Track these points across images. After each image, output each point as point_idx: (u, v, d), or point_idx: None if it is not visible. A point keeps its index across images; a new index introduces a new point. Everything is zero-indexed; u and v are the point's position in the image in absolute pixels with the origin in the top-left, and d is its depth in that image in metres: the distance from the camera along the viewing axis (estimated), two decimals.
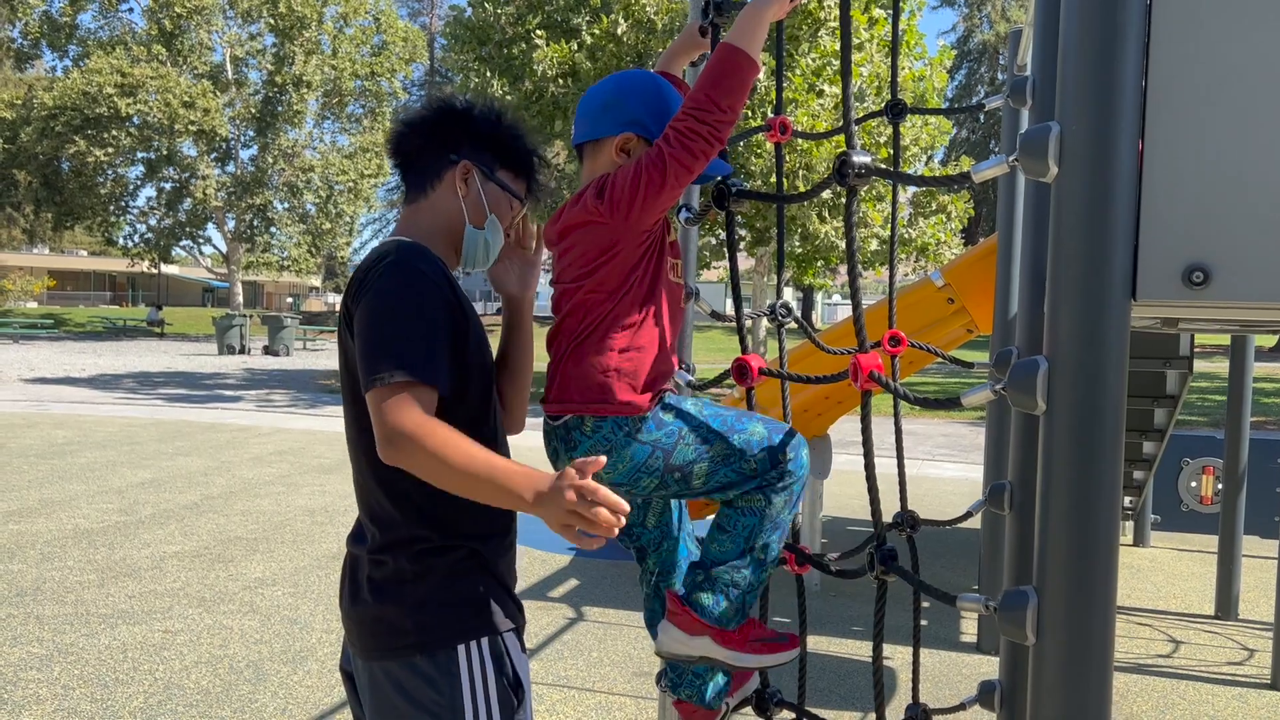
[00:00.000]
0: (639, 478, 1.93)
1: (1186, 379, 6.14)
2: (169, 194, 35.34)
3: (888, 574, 1.92)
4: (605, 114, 1.98)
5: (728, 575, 1.97)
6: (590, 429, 1.91)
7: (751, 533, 1.96)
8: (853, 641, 5.18)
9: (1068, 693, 1.54)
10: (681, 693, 2.23)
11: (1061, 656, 1.54)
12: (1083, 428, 1.53)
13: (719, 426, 1.94)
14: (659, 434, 1.91)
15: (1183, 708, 4.47)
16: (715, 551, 1.99)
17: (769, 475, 1.95)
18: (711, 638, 1.98)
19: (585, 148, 2.01)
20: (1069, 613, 1.53)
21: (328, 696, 4.26)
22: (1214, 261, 1.54)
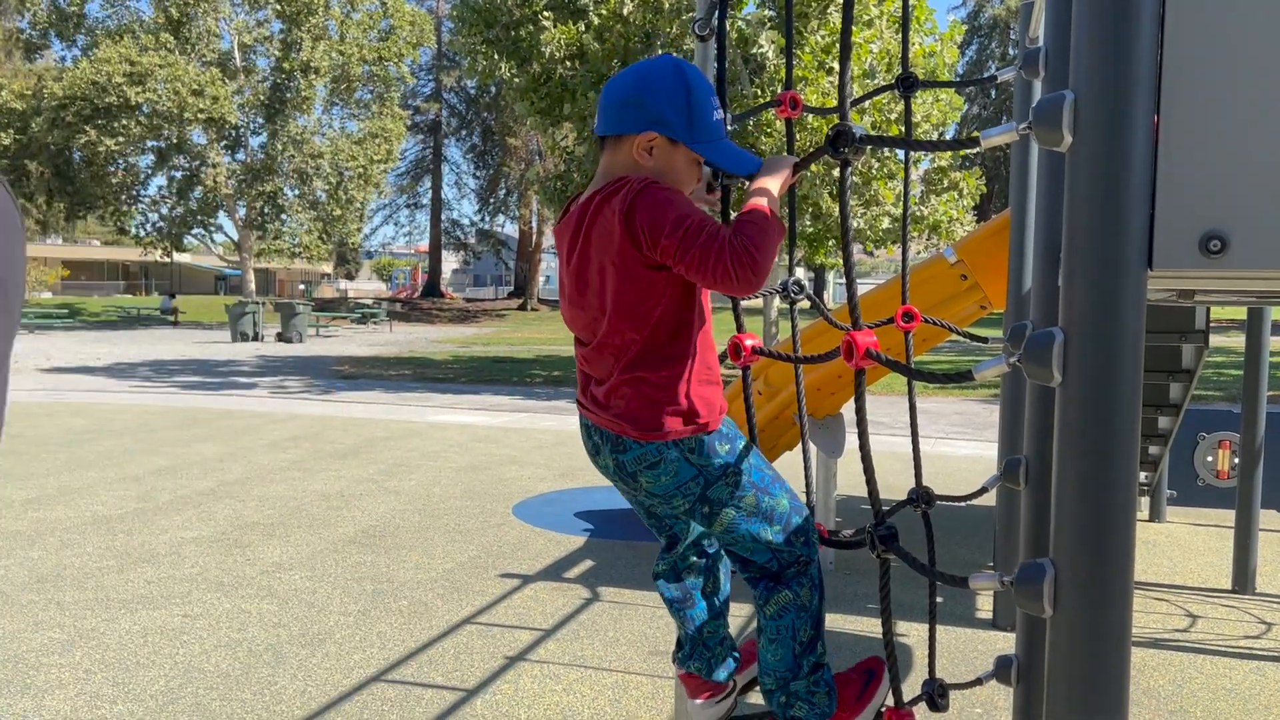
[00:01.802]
0: (674, 496, 1.97)
1: (1202, 353, 6.10)
2: (180, 182, 35.44)
3: (888, 553, 1.92)
4: (628, 110, 1.95)
5: (802, 686, 2.08)
6: (642, 441, 1.94)
7: (794, 632, 2.06)
8: (867, 619, 5.18)
9: (1086, 664, 1.54)
10: (690, 665, 2.25)
11: (1079, 628, 1.53)
12: (1099, 398, 1.51)
13: (757, 480, 2.00)
14: (706, 460, 1.94)
15: (1200, 681, 4.47)
16: (774, 662, 2.09)
17: (783, 561, 2.04)
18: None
19: (607, 140, 1.99)
20: (1087, 584, 1.52)
21: (346, 678, 4.29)
22: (1231, 229, 1.52)
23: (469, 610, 5.24)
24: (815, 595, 2.11)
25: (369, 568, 5.99)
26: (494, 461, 9.78)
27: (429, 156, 52.67)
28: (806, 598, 2.08)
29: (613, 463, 1.98)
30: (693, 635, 2.24)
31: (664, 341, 1.92)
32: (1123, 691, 1.54)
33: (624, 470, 1.97)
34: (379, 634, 4.85)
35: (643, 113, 1.93)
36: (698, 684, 2.27)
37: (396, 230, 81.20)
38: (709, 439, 1.94)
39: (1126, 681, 1.55)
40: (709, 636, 2.25)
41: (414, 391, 16.60)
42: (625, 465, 1.96)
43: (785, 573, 2.06)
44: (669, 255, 1.82)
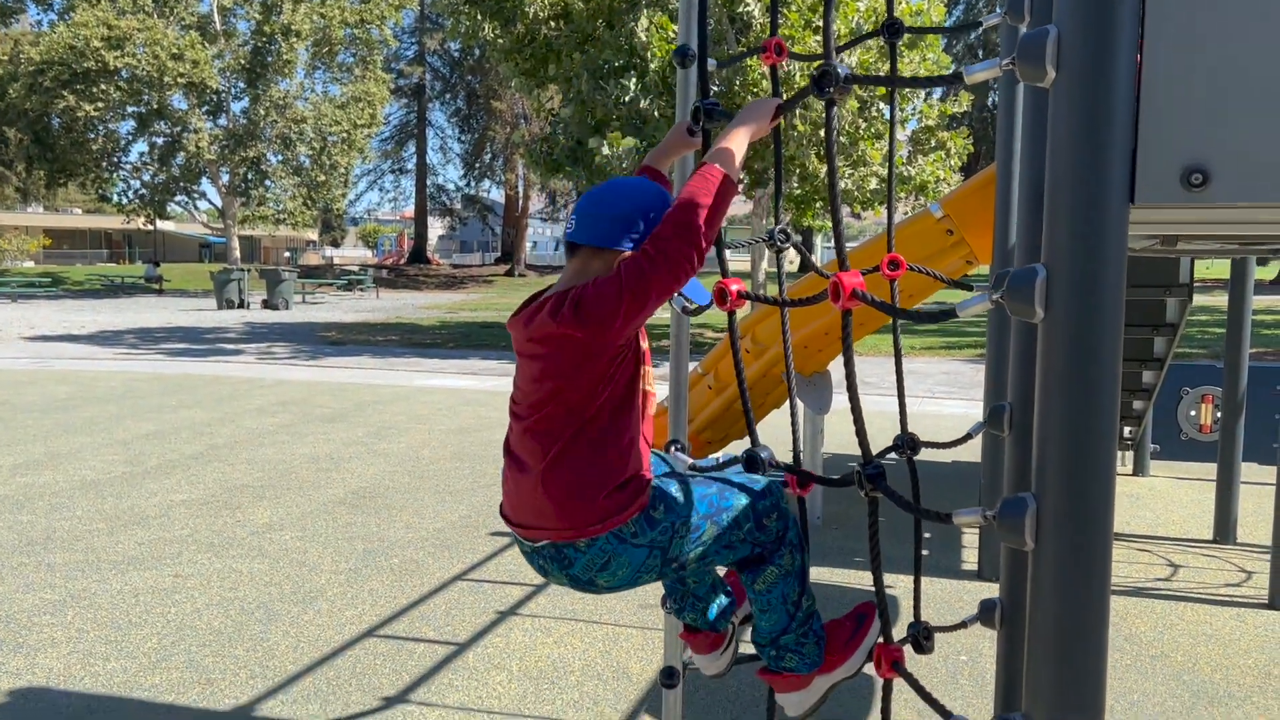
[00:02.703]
0: (640, 577, 1.99)
1: (1186, 307, 6.14)
2: (161, 148, 35.01)
3: (875, 491, 1.93)
4: (617, 226, 1.92)
5: (791, 638, 2.12)
6: (584, 545, 1.91)
7: (784, 598, 2.10)
8: (854, 571, 5.24)
9: (1067, 596, 1.56)
10: (686, 617, 2.28)
11: (1061, 560, 1.56)
12: (1081, 333, 1.53)
13: (705, 510, 2.00)
14: (653, 534, 1.94)
15: (1181, 628, 4.54)
16: (768, 628, 2.13)
17: (764, 544, 2.07)
18: (820, 675, 2.15)
19: (583, 249, 1.94)
20: (1068, 516, 1.54)
21: (339, 634, 4.32)
22: (1213, 163, 1.53)
23: (460, 567, 5.27)
24: (797, 556, 2.13)
25: (359, 528, 6.01)
26: (483, 424, 9.79)
27: (413, 121, 52.16)
28: (789, 563, 2.11)
29: (566, 579, 1.98)
30: (679, 588, 2.27)
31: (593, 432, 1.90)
32: (1102, 620, 1.57)
33: (579, 581, 1.97)
34: (370, 591, 4.88)
35: (633, 229, 1.91)
36: (699, 638, 2.30)
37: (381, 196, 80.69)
38: (644, 514, 1.93)
39: (1107, 610, 1.58)
40: (695, 586, 2.27)
41: (402, 356, 16.57)
42: (579, 577, 1.95)
43: (768, 555, 2.09)
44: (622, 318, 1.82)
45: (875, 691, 3.78)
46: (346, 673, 3.93)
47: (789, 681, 2.17)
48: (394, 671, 3.95)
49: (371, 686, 3.81)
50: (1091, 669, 1.59)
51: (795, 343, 5.95)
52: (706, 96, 2.31)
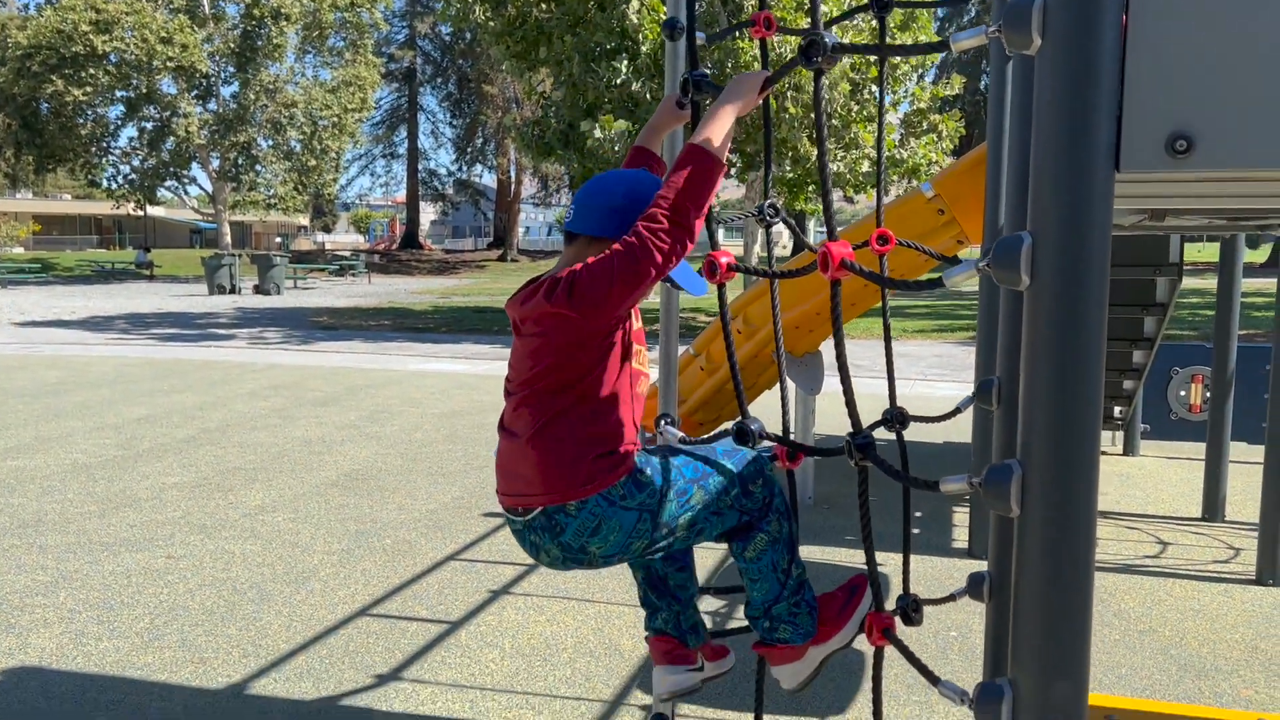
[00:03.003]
0: (631, 543, 2.00)
1: (1176, 286, 6.16)
2: (151, 133, 34.78)
3: (865, 460, 1.94)
4: (614, 217, 1.97)
5: (784, 608, 2.14)
6: (575, 509, 1.94)
7: (774, 566, 2.12)
8: (847, 550, 5.27)
9: (1051, 562, 1.57)
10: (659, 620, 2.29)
11: (1045, 526, 1.57)
12: (1067, 300, 1.53)
13: (692, 475, 2.04)
14: (642, 496, 1.97)
15: (1170, 603, 4.57)
16: (760, 597, 2.15)
17: (751, 511, 2.10)
18: (814, 646, 2.17)
19: (580, 237, 2.01)
20: (1053, 482, 1.56)
21: (331, 614, 4.33)
22: (1197, 130, 1.53)
23: (452, 548, 5.29)
24: (785, 523, 2.15)
25: (352, 509, 6.02)
26: (476, 408, 9.79)
27: (404, 105, 51.90)
28: (777, 530, 2.13)
29: (558, 549, 1.99)
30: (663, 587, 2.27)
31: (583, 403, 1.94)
32: (1087, 586, 1.58)
33: (570, 550, 1.98)
34: (363, 571, 4.89)
35: (627, 222, 1.93)
36: (663, 643, 2.30)
37: (373, 181, 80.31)
38: (631, 476, 1.97)
39: (1091, 578, 1.59)
40: (678, 589, 2.29)
41: (394, 341, 16.55)
42: (570, 545, 1.97)
43: (755, 523, 2.11)
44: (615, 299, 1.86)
45: (867, 663, 3.81)
46: (339, 651, 3.95)
47: (783, 653, 2.18)
48: (387, 650, 3.96)
49: (364, 665, 3.82)
50: (1076, 635, 1.60)
51: (787, 323, 5.96)
52: (695, 69, 2.30)
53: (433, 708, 3.48)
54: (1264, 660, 3.95)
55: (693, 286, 2.14)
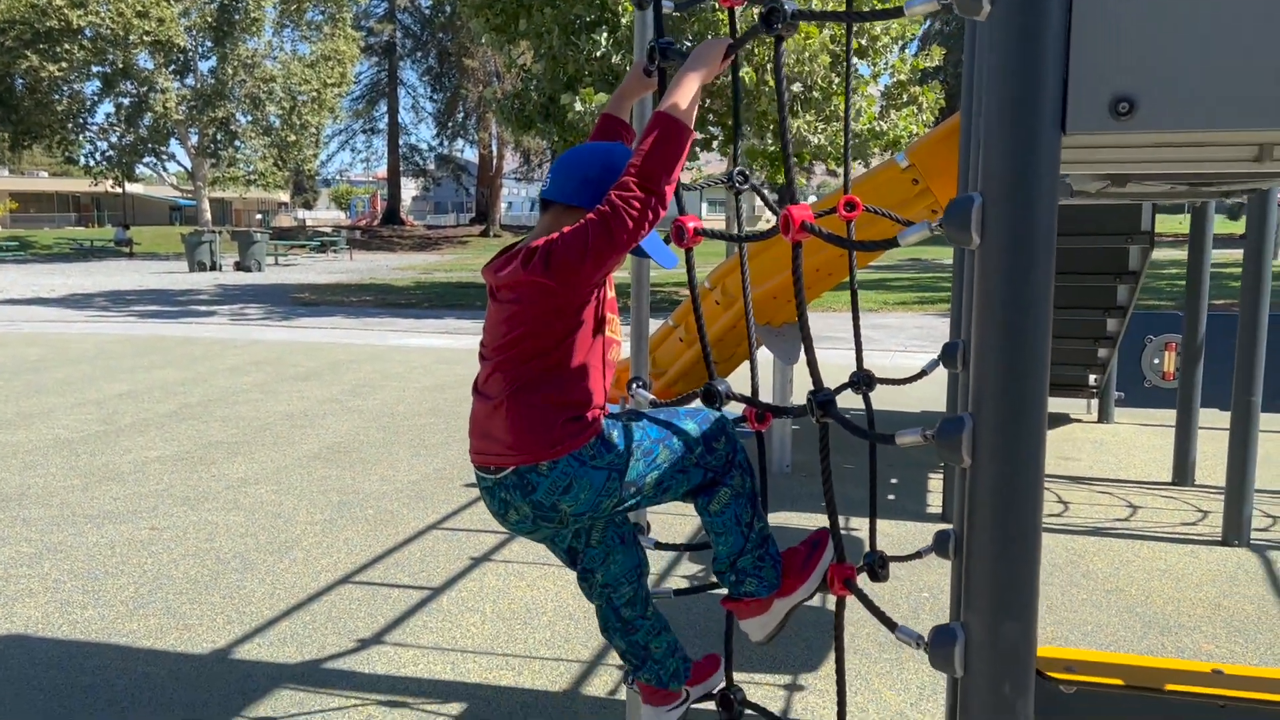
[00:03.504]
0: (600, 502, 2.05)
1: (1148, 254, 6.25)
2: (128, 109, 34.47)
3: (826, 418, 2.00)
4: (588, 187, 2.01)
5: (749, 560, 2.19)
6: (546, 469, 1.99)
7: (737, 520, 2.17)
8: (821, 516, 5.34)
9: (1000, 510, 1.63)
10: (642, 676, 2.34)
11: (995, 475, 1.63)
12: (1015, 257, 1.59)
13: (658, 436, 2.09)
14: (610, 456, 2.02)
15: (1137, 564, 4.68)
16: (726, 551, 2.19)
17: (715, 468, 2.15)
18: (779, 598, 2.21)
19: (555, 205, 2.05)
20: (1003, 433, 1.61)
21: (314, 581, 4.39)
22: (1139, 92, 1.59)
23: (434, 517, 5.35)
24: (747, 477, 2.21)
25: (334, 480, 6.06)
26: (458, 381, 9.83)
27: (384, 79, 51.47)
28: (740, 484, 2.20)
29: (529, 508, 2.04)
30: (640, 654, 2.33)
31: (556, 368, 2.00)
32: (1035, 532, 1.65)
33: (542, 509, 2.03)
34: (345, 540, 4.95)
35: (601, 190, 1.97)
36: (650, 692, 2.36)
37: (353, 156, 79.57)
38: (600, 437, 2.03)
39: (1038, 524, 1.65)
40: (656, 653, 2.34)
41: (376, 317, 16.54)
42: (542, 503, 2.02)
43: (720, 478, 2.16)
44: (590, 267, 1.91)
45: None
46: (322, 617, 4.01)
47: (750, 606, 2.24)
48: (369, 615, 4.03)
49: (347, 630, 3.89)
50: (1024, 578, 1.66)
51: (765, 293, 6.02)
52: (662, 36, 2.34)
53: (414, 669, 3.55)
54: (1226, 617, 4.06)
55: (662, 258, 2.19)
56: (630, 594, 2.28)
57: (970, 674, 1.68)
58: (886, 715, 3.25)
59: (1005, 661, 1.66)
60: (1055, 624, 3.98)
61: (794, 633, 3.83)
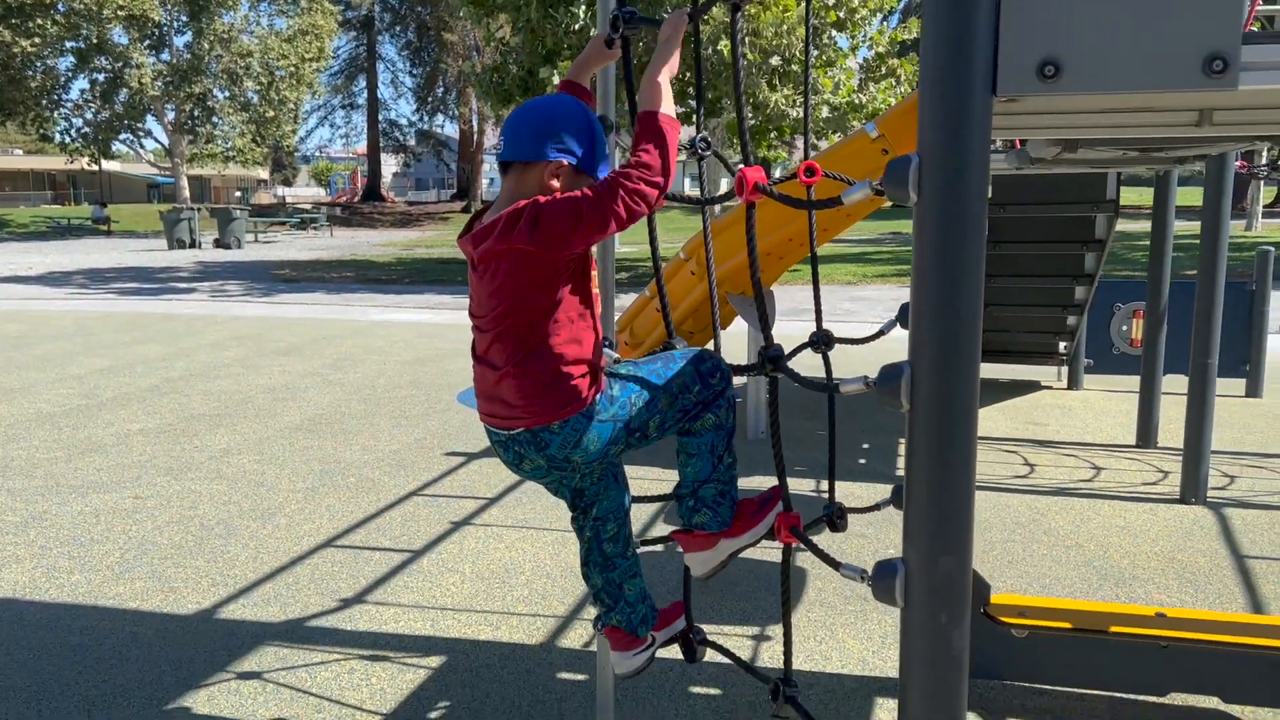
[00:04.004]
0: (609, 449, 2.17)
1: (1113, 222, 6.38)
2: (103, 85, 34.05)
3: (776, 372, 2.11)
4: (539, 139, 2.07)
5: (711, 490, 2.29)
6: (558, 427, 2.10)
7: (711, 448, 2.28)
8: (793, 479, 5.48)
9: (936, 451, 1.74)
10: (611, 619, 2.44)
11: (931, 418, 1.74)
12: (949, 214, 1.69)
13: (655, 380, 2.20)
14: (614, 409, 2.14)
15: (1097, 521, 4.83)
16: (692, 474, 2.29)
17: (706, 399, 2.26)
18: (726, 538, 2.31)
19: (514, 165, 2.10)
20: (938, 379, 1.72)
21: (297, 545, 4.49)
22: (1064, 55, 1.69)
23: (415, 484, 5.45)
24: (730, 413, 2.33)
25: (316, 451, 6.15)
26: (439, 355, 9.90)
27: (363, 54, 51.02)
28: (724, 416, 2.31)
29: (543, 460, 2.16)
30: (614, 593, 2.43)
31: (554, 332, 2.08)
32: (968, 471, 1.75)
33: (555, 461, 2.15)
34: (328, 507, 5.05)
35: (554, 141, 2.06)
36: (618, 636, 2.47)
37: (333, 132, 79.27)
38: (604, 394, 2.15)
39: (972, 464, 1.76)
40: (629, 595, 2.45)
41: (357, 293, 16.55)
42: (555, 457, 2.14)
43: (709, 403, 2.26)
44: (578, 240, 1.99)
45: (810, 580, 4.03)
46: (305, 579, 4.11)
47: (698, 540, 2.33)
48: (351, 577, 4.14)
49: (330, 590, 3.99)
50: (960, 515, 1.78)
51: (739, 264, 6.11)
52: (624, 5, 2.42)
53: (395, 626, 3.66)
54: (1178, 569, 4.22)
55: None
56: (615, 530, 2.38)
57: (909, 605, 1.80)
58: (849, 662, 3.38)
59: (941, 593, 1.77)
60: (1016, 577, 4.12)
61: (762, 585, 3.96)
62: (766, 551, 4.21)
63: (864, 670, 3.33)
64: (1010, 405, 7.45)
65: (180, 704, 3.11)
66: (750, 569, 4.13)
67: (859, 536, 4.49)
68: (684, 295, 6.40)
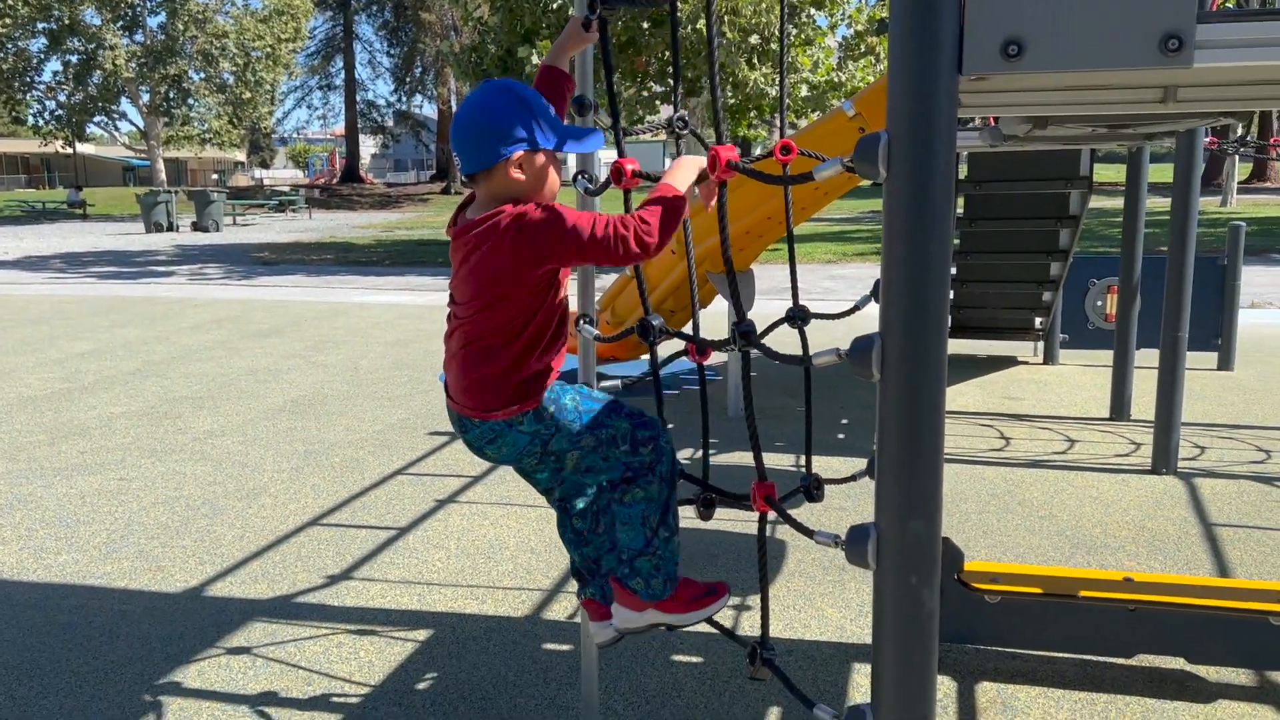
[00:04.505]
0: (522, 458, 2.23)
1: (1087, 198, 6.47)
2: (76, 67, 33.67)
3: (748, 347, 2.17)
4: (487, 143, 2.05)
5: (645, 562, 2.30)
6: (478, 421, 2.17)
7: (643, 520, 2.28)
8: (768, 454, 5.56)
9: (905, 419, 1.80)
10: (588, 592, 2.49)
11: (900, 388, 1.80)
12: (917, 190, 1.75)
13: (589, 421, 2.22)
14: (539, 426, 2.18)
15: (1070, 492, 4.94)
16: (625, 541, 2.31)
17: (634, 467, 2.27)
18: (655, 609, 2.33)
19: (478, 174, 2.09)
20: (907, 350, 1.78)
21: (283, 524, 4.54)
22: (1027, 34, 1.75)
23: (399, 463, 5.49)
24: (665, 489, 2.33)
25: (300, 431, 6.18)
26: (421, 336, 9.92)
27: (339, 34, 50.55)
28: (656, 491, 2.31)
29: (464, 439, 2.27)
30: (590, 568, 2.47)
31: (509, 335, 2.12)
32: (937, 438, 1.81)
33: (473, 445, 2.25)
34: (313, 486, 5.09)
35: (501, 138, 2.05)
36: (596, 608, 2.52)
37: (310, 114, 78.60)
38: (533, 411, 2.17)
39: (941, 431, 1.82)
40: (605, 568, 2.49)
41: (338, 275, 16.51)
42: (472, 442, 2.24)
43: (637, 477, 2.30)
44: (570, 258, 2.03)
45: (789, 550, 4.11)
46: (292, 557, 4.16)
47: (626, 597, 2.37)
48: (338, 554, 4.19)
49: (317, 567, 4.04)
50: (929, 480, 1.84)
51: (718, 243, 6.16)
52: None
53: (382, 601, 3.72)
54: (1149, 538, 4.32)
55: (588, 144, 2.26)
56: (582, 507, 2.41)
57: (881, 567, 1.86)
58: (827, 629, 3.47)
59: (912, 555, 1.84)
60: (989, 547, 4.22)
61: (743, 558, 4.04)
62: (746, 524, 4.29)
63: (842, 637, 3.42)
64: (987, 380, 7.55)
65: (171, 679, 3.16)
66: (730, 542, 4.21)
67: (837, 509, 4.58)
68: (664, 275, 6.46)
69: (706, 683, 3.10)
